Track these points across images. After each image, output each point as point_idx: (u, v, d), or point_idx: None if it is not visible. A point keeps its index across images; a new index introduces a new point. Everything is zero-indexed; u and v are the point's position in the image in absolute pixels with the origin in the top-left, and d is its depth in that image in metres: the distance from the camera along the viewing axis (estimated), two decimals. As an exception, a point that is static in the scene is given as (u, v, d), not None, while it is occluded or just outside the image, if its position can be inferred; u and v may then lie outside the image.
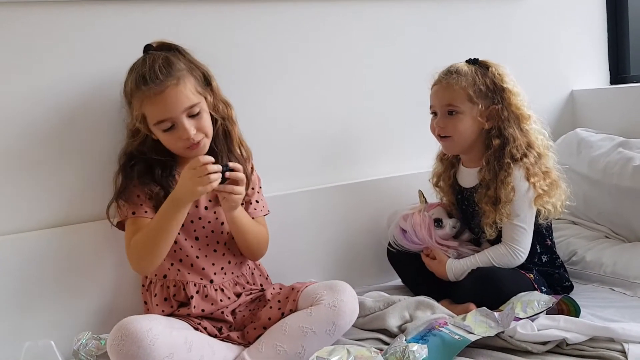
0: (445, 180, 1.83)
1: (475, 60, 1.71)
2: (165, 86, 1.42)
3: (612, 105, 2.29)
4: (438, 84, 1.72)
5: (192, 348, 1.33)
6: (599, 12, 2.46)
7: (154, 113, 1.45)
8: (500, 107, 1.66)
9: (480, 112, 1.66)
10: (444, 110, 1.70)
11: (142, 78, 1.42)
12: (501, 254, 1.65)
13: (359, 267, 1.95)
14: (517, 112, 1.67)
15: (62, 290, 1.58)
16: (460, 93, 1.66)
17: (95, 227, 1.60)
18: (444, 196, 1.85)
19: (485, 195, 1.66)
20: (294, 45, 1.88)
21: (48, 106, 1.57)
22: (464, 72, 1.67)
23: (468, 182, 1.76)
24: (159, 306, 1.51)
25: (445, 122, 1.70)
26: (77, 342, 1.41)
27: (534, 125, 1.69)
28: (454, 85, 1.66)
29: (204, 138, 1.49)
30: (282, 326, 1.44)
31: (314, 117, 1.93)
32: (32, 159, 1.57)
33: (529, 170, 1.63)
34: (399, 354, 1.30)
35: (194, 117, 1.47)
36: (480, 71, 1.68)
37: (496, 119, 1.66)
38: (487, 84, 1.66)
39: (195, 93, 1.47)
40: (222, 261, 1.58)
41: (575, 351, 1.34)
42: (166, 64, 1.45)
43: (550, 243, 1.75)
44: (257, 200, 1.66)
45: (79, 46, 1.60)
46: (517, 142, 1.64)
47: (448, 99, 1.68)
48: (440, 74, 1.72)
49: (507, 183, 1.62)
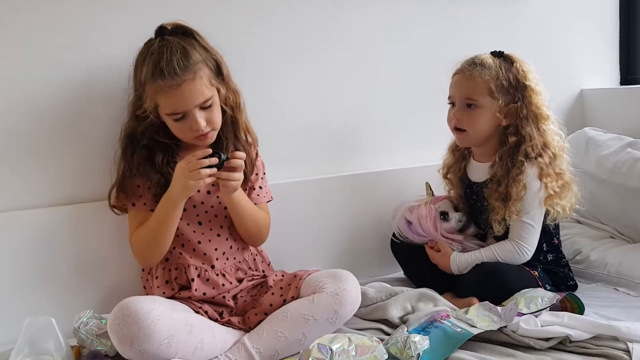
0: (455, 173, 1.82)
1: (500, 53, 1.69)
2: (182, 81, 1.41)
3: (622, 106, 2.28)
4: (460, 74, 1.69)
5: (192, 331, 1.33)
6: (612, 12, 2.45)
7: (168, 105, 1.44)
8: (520, 104, 1.63)
9: (500, 108, 1.63)
10: (462, 102, 1.67)
11: (160, 71, 1.40)
12: (507, 250, 1.64)
13: (361, 257, 1.94)
14: (537, 111, 1.64)
15: (65, 268, 1.59)
16: (482, 86, 1.63)
17: (100, 206, 1.59)
18: (452, 189, 1.84)
19: (495, 191, 1.64)
20: (303, 35, 1.87)
21: (55, 88, 1.57)
22: (488, 65, 1.64)
23: (478, 176, 1.74)
24: (160, 288, 1.50)
25: (462, 114, 1.67)
26: (77, 320, 1.40)
27: (552, 126, 1.67)
28: (476, 78, 1.63)
29: (212, 130, 1.50)
30: (283, 312, 1.43)
31: (321, 107, 1.92)
32: (37, 139, 1.56)
33: (542, 170, 1.62)
34: (400, 345, 1.30)
35: (206, 110, 1.47)
36: (505, 65, 1.65)
37: (515, 117, 1.64)
38: (510, 80, 1.64)
39: (209, 86, 1.46)
40: (224, 246, 1.57)
41: (579, 349, 1.33)
42: (184, 57, 1.42)
43: (557, 242, 1.74)
44: (261, 186, 1.65)
45: (84, 29, 1.59)
46: (533, 142, 1.63)
47: (468, 92, 1.65)
48: (463, 64, 1.69)
49: (519, 181, 1.60)
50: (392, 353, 1.29)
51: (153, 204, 1.50)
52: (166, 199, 1.45)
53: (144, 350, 1.25)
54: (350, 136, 1.98)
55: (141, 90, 1.47)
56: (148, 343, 1.25)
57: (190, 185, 1.40)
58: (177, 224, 1.48)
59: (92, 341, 1.38)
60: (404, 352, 1.28)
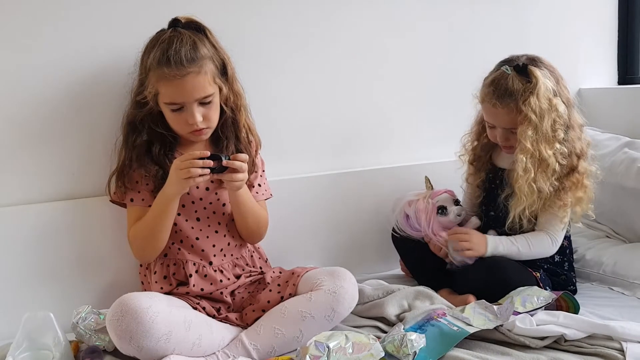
0: (483, 159, 1.80)
1: (524, 69, 1.62)
2: (186, 72, 1.41)
3: (619, 106, 2.28)
4: (494, 107, 1.64)
5: (190, 327, 1.34)
6: (610, 12, 2.44)
7: (169, 94, 1.45)
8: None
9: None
10: (503, 131, 1.66)
11: (167, 59, 1.41)
12: (541, 240, 1.65)
13: (359, 254, 1.95)
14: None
15: (64, 264, 1.59)
16: (515, 116, 1.61)
17: (99, 202, 1.60)
18: (473, 175, 1.82)
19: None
20: (305, 32, 1.87)
21: (58, 81, 1.57)
22: (514, 93, 1.60)
23: (506, 163, 1.73)
24: (158, 283, 1.51)
25: (507, 137, 1.67)
26: (76, 315, 1.41)
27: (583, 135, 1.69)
28: (509, 113, 1.61)
29: (207, 127, 1.50)
30: (281, 310, 1.44)
31: (321, 104, 1.92)
32: (35, 135, 1.56)
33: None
34: (397, 342, 1.30)
35: (204, 105, 1.47)
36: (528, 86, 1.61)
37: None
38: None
39: (212, 83, 1.47)
40: (222, 243, 1.58)
41: (573, 347, 1.34)
42: (193, 49, 1.43)
43: (566, 244, 1.74)
44: (260, 184, 1.66)
45: (90, 21, 1.59)
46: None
47: (506, 124, 1.65)
48: (494, 92, 1.63)
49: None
50: (389, 351, 1.30)
51: (151, 200, 1.51)
52: (162, 195, 1.46)
53: (142, 346, 1.26)
54: (351, 133, 1.98)
55: (144, 76, 1.47)
56: (146, 339, 1.26)
57: (181, 183, 1.40)
58: (173, 219, 1.49)
59: (91, 336, 1.39)
60: (401, 349, 1.29)
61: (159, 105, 1.49)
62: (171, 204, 1.46)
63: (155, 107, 1.49)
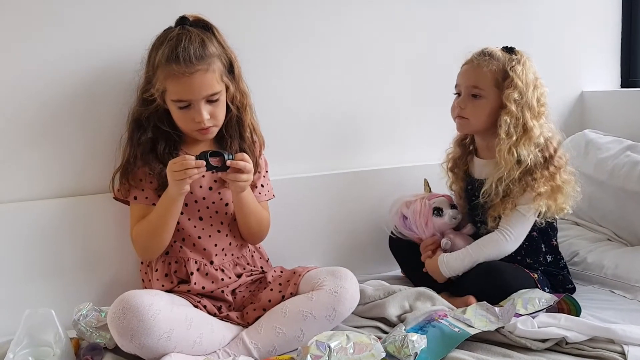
0: (460, 167, 1.81)
1: (511, 49, 1.68)
2: (195, 70, 1.42)
3: (622, 109, 2.28)
4: (469, 64, 1.70)
5: (191, 325, 1.34)
6: (613, 14, 2.44)
7: (176, 92, 1.45)
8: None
9: (501, 100, 1.64)
10: (468, 92, 1.68)
11: (175, 57, 1.41)
12: (491, 240, 1.64)
13: (360, 255, 1.94)
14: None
15: (65, 261, 1.59)
16: (488, 76, 1.64)
17: (101, 199, 1.60)
18: (455, 183, 1.83)
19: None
20: (305, 29, 1.87)
21: (63, 78, 1.57)
22: (497, 57, 1.65)
23: (481, 173, 1.74)
24: (159, 281, 1.51)
25: (466, 103, 1.68)
26: (77, 312, 1.40)
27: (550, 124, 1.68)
28: (483, 67, 1.65)
29: (214, 126, 1.50)
30: (282, 309, 1.44)
31: (321, 104, 1.92)
32: (39, 131, 1.57)
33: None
34: (398, 343, 1.30)
35: (212, 103, 1.47)
36: (513, 59, 1.65)
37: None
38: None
39: (219, 81, 1.48)
40: (224, 242, 1.58)
41: (575, 350, 1.34)
42: (201, 47, 1.44)
43: (556, 243, 1.74)
44: (263, 184, 1.66)
45: (97, 18, 1.59)
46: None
47: (474, 81, 1.66)
48: (473, 54, 1.70)
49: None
50: (390, 351, 1.30)
51: (154, 198, 1.51)
52: (165, 195, 1.46)
53: (143, 343, 1.26)
54: (351, 133, 1.98)
55: (152, 73, 1.48)
56: (148, 337, 1.26)
57: (178, 184, 1.40)
58: (177, 219, 1.49)
59: (92, 334, 1.38)
60: (402, 350, 1.29)
61: (166, 102, 1.49)
62: (175, 205, 1.46)
63: (162, 104, 1.49)
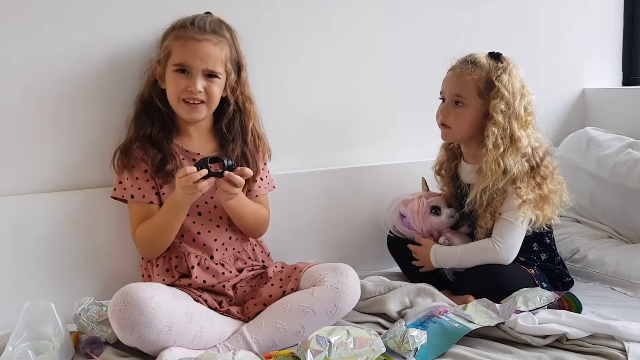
0: (447, 171, 1.81)
1: (497, 55, 1.66)
2: (205, 37, 1.48)
3: (623, 106, 2.28)
4: (452, 71, 1.69)
5: (192, 319, 1.34)
6: (615, 12, 2.44)
7: (180, 55, 1.48)
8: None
9: (486, 109, 1.63)
10: (451, 99, 1.67)
11: (190, 22, 1.49)
12: (482, 247, 1.63)
13: (360, 251, 1.94)
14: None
15: (66, 254, 1.59)
16: (471, 85, 1.63)
17: (101, 193, 1.60)
18: (444, 186, 1.83)
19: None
20: (304, 29, 1.86)
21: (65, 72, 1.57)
22: (481, 65, 1.63)
23: (469, 177, 1.73)
24: (160, 276, 1.51)
25: (449, 110, 1.67)
26: (78, 307, 1.40)
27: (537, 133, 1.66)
28: (466, 76, 1.63)
29: (203, 104, 1.51)
30: (283, 304, 1.44)
31: (320, 100, 1.92)
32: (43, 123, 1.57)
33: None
34: (398, 339, 1.30)
35: (208, 80, 1.50)
36: (499, 67, 1.63)
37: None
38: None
39: (222, 64, 1.51)
40: (224, 237, 1.58)
41: (575, 347, 1.34)
42: (217, 24, 1.52)
43: (549, 241, 1.73)
44: (262, 177, 1.66)
45: (101, 12, 1.59)
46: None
47: (457, 89, 1.65)
48: (458, 61, 1.69)
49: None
50: (390, 347, 1.30)
51: (151, 196, 1.52)
52: (173, 201, 1.46)
53: (143, 336, 1.26)
54: (350, 129, 1.97)
55: (160, 44, 1.52)
56: (148, 330, 1.26)
57: (190, 197, 1.42)
58: (181, 223, 1.49)
59: (93, 328, 1.38)
60: (402, 346, 1.29)
61: (166, 69, 1.50)
62: (183, 210, 1.47)
63: (160, 71, 1.52)
